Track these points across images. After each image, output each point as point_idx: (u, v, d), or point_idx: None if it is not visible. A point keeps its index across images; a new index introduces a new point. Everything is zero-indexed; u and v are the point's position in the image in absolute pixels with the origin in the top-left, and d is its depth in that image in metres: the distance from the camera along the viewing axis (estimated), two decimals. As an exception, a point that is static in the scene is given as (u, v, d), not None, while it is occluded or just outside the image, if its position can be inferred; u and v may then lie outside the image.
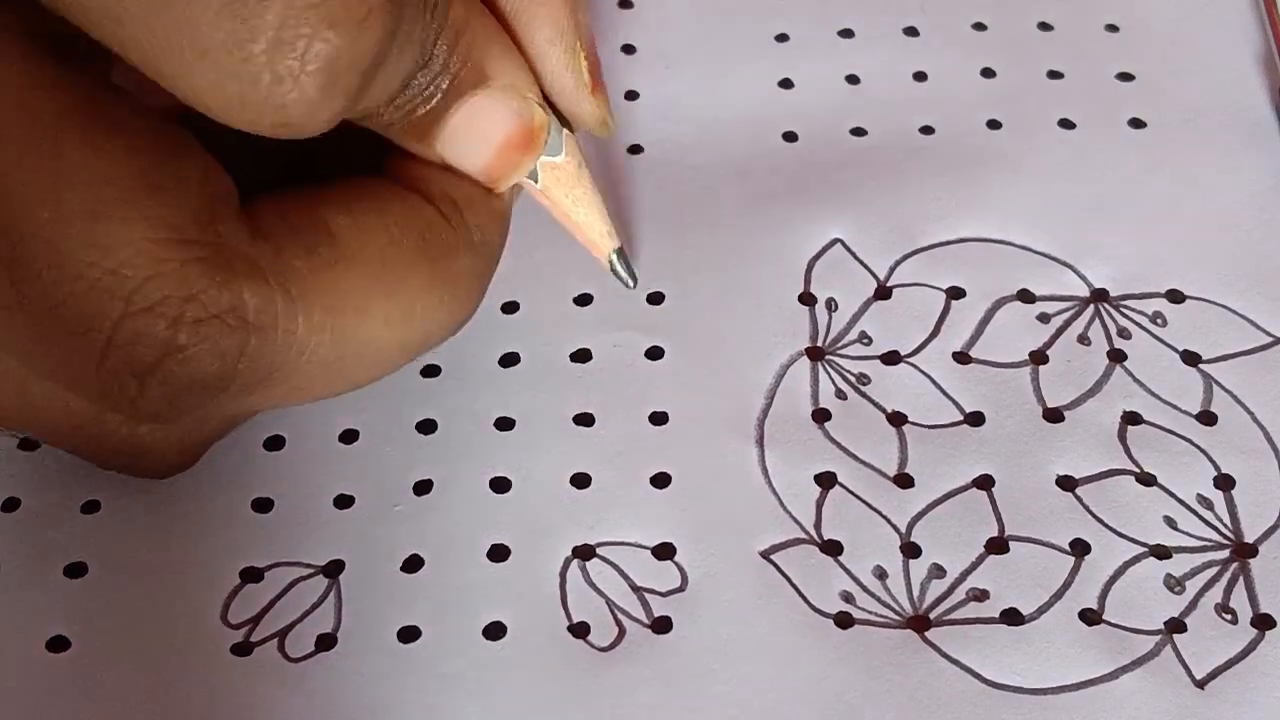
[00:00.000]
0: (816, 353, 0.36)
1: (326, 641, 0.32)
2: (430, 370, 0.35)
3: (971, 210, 0.38)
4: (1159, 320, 0.36)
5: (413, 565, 0.33)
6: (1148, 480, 0.34)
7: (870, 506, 0.34)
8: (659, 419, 0.35)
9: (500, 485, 0.34)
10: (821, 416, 0.35)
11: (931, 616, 0.32)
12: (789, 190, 0.39)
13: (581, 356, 0.36)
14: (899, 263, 0.37)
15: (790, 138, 0.40)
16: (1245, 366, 0.36)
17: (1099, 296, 0.37)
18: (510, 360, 0.36)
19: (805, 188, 0.39)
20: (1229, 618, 0.32)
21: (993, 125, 0.40)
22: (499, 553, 0.33)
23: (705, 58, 0.42)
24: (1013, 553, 0.33)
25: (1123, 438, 0.35)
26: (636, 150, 0.39)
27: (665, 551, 0.33)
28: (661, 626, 0.32)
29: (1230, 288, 0.37)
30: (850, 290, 0.37)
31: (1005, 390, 0.35)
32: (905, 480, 0.34)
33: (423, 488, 0.34)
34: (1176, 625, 0.32)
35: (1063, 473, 0.34)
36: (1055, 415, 0.35)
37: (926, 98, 0.41)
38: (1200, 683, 0.31)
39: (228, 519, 0.33)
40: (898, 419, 0.35)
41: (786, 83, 0.41)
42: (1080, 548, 0.33)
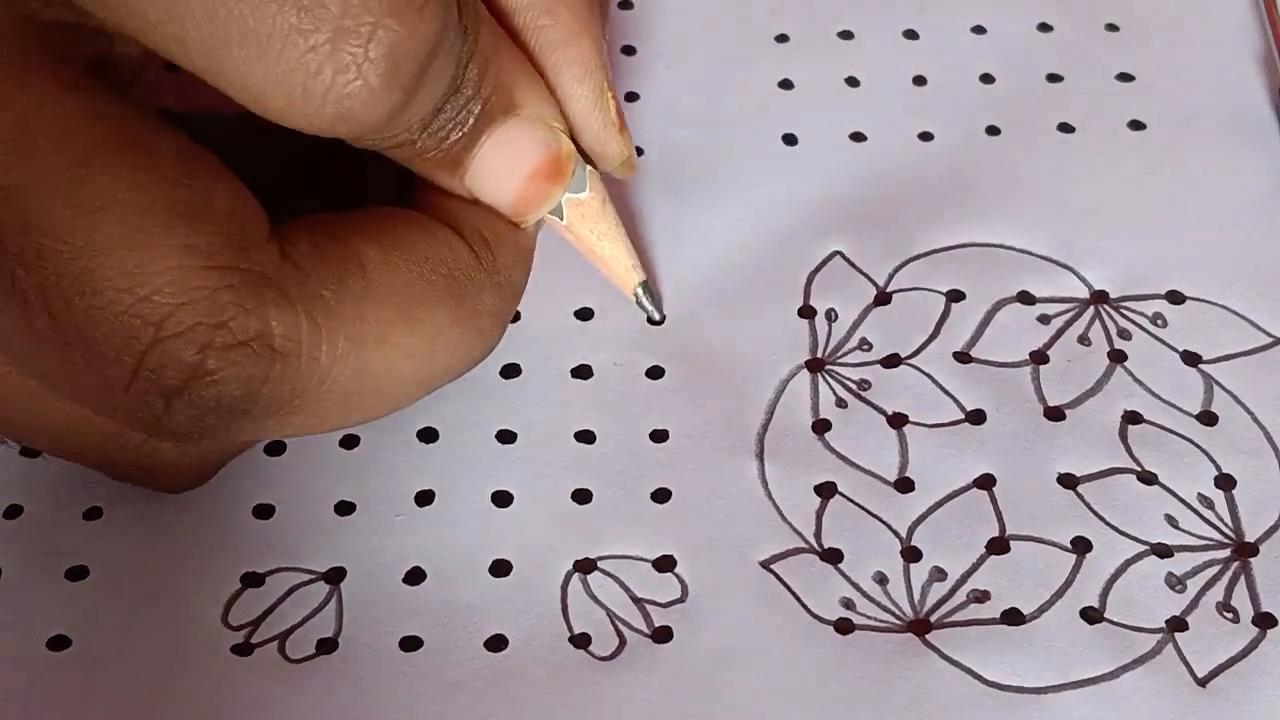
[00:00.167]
0: (816, 364, 0.36)
1: (327, 645, 0.32)
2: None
3: (971, 216, 0.38)
4: (1159, 321, 0.36)
5: (415, 578, 0.33)
6: (1149, 479, 0.34)
7: (870, 514, 0.33)
8: (659, 436, 0.35)
9: (502, 499, 0.34)
10: (821, 427, 0.35)
11: (932, 619, 0.32)
12: (788, 198, 0.39)
13: (582, 373, 0.36)
14: (898, 269, 0.37)
15: (790, 140, 0.40)
16: (1245, 367, 0.36)
17: (1099, 298, 0.37)
18: (511, 371, 0.36)
19: (805, 197, 0.39)
20: (1230, 616, 0.32)
21: (992, 131, 0.40)
22: (500, 568, 0.33)
23: (705, 58, 0.42)
24: (1014, 552, 0.33)
25: (1124, 437, 0.34)
26: (637, 153, 0.39)
27: (666, 564, 0.33)
28: (662, 636, 0.32)
29: (1230, 288, 0.37)
30: (850, 298, 0.37)
31: (1006, 389, 0.35)
32: (906, 485, 0.34)
33: (424, 498, 0.34)
34: (1178, 624, 0.32)
35: (1064, 471, 0.34)
36: (1056, 414, 0.35)
37: (926, 103, 0.41)
38: (1202, 681, 0.31)
39: (229, 525, 0.33)
40: (898, 420, 0.35)
41: (786, 84, 0.41)
42: (1082, 546, 0.33)
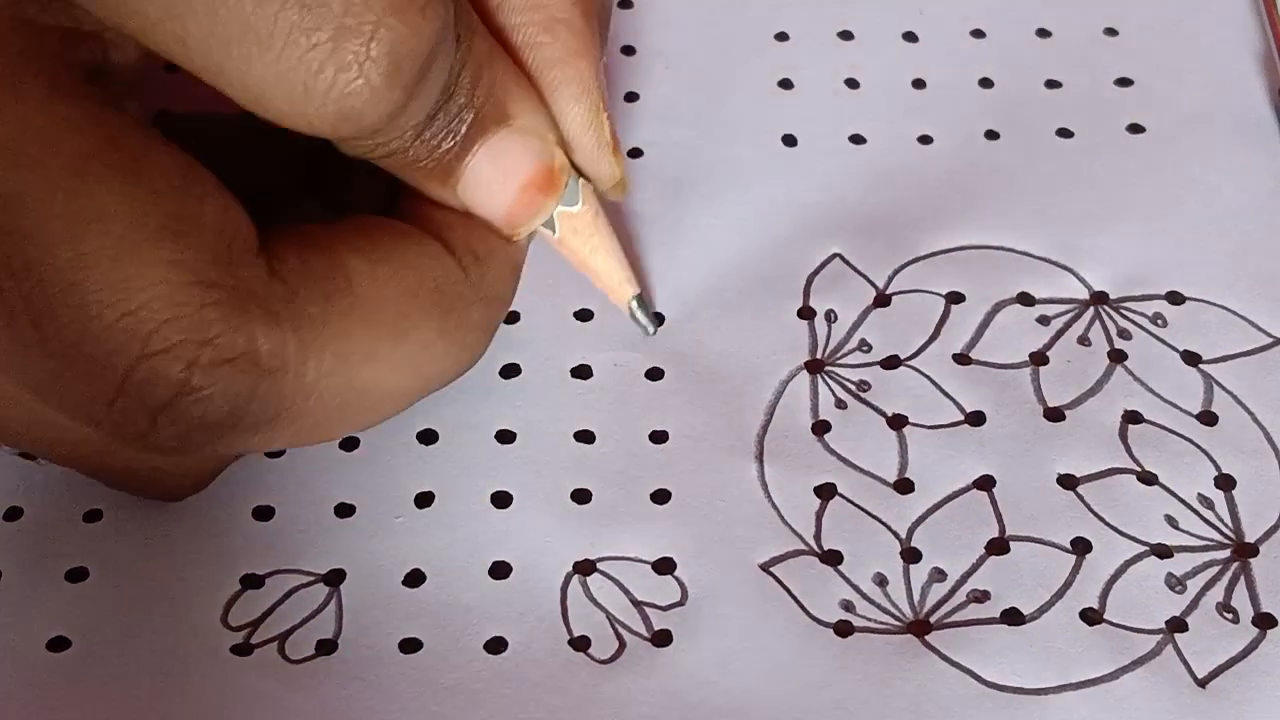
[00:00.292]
0: (816, 365, 0.36)
1: (327, 647, 0.32)
2: (430, 378, 0.36)
3: (970, 219, 0.38)
4: (1159, 321, 0.36)
5: (414, 580, 0.33)
6: (1149, 479, 0.34)
7: (870, 515, 0.33)
8: (659, 438, 0.35)
9: (501, 499, 0.34)
10: (821, 429, 0.35)
11: (932, 620, 0.32)
12: (788, 200, 0.38)
13: (582, 373, 0.36)
14: (898, 271, 0.37)
15: (789, 141, 0.40)
16: (1245, 367, 0.35)
17: (1099, 299, 0.37)
18: (511, 371, 0.36)
19: (804, 198, 0.39)
20: (1230, 617, 0.32)
21: (991, 135, 0.40)
22: (500, 570, 0.33)
23: (705, 57, 0.42)
24: (1013, 553, 0.33)
25: (1124, 437, 0.34)
26: (636, 154, 0.39)
27: (665, 566, 0.33)
28: (662, 639, 0.32)
29: (1230, 288, 0.37)
30: (849, 300, 0.37)
31: (1006, 390, 0.35)
32: (905, 486, 0.34)
33: (424, 500, 0.34)
34: (1178, 624, 0.32)
35: (1064, 471, 0.34)
36: (1056, 414, 0.35)
37: (925, 106, 0.41)
38: (1202, 682, 0.31)
39: (229, 527, 0.33)
40: (898, 422, 0.35)
41: (786, 83, 0.41)
42: (1081, 546, 0.33)
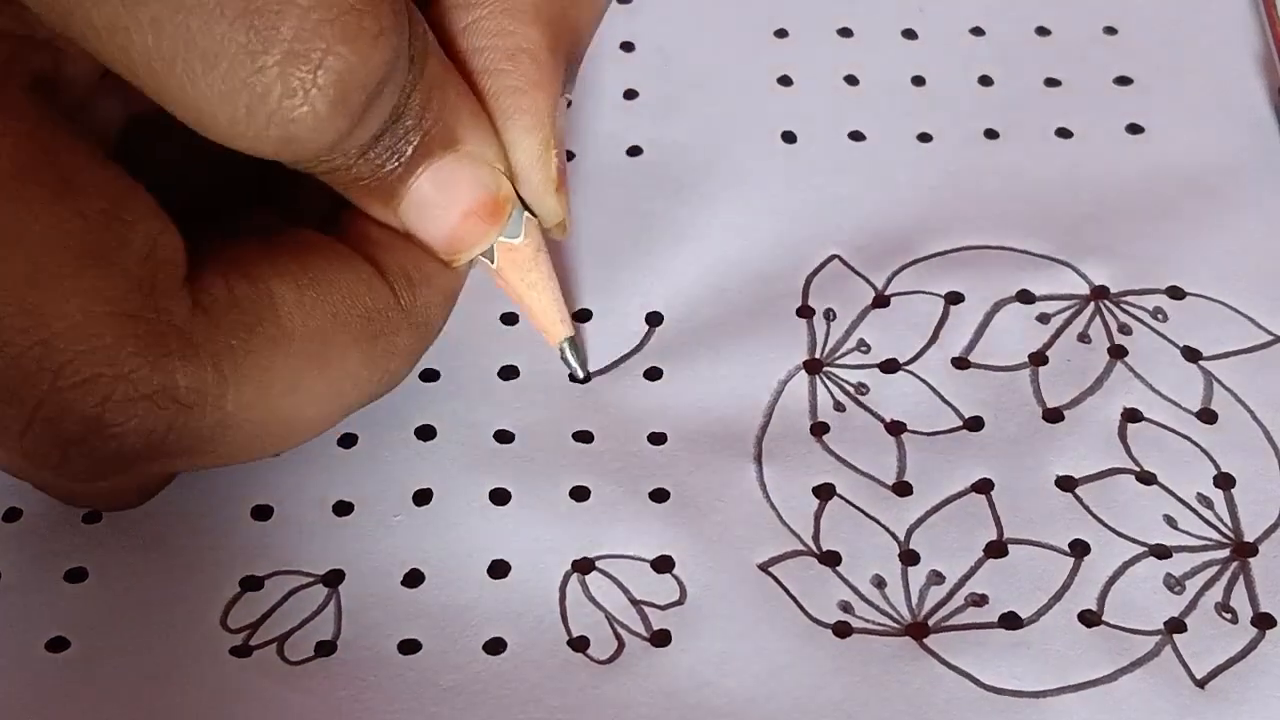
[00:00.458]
0: (814, 365, 0.36)
1: (326, 648, 0.32)
2: (429, 375, 0.35)
3: (969, 218, 0.38)
4: (1160, 315, 0.36)
5: (413, 580, 0.33)
6: (1148, 479, 0.34)
7: (869, 516, 0.33)
8: (657, 439, 0.35)
9: (500, 498, 0.34)
10: (820, 430, 0.35)
11: (930, 623, 0.32)
12: (787, 199, 0.38)
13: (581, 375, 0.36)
14: (897, 272, 0.37)
15: (789, 138, 0.40)
16: (1245, 365, 0.35)
17: (1099, 294, 0.37)
18: (509, 373, 0.36)
19: (803, 197, 0.39)
20: (1229, 617, 0.32)
21: (990, 134, 0.40)
22: (499, 569, 0.33)
23: (704, 53, 0.42)
24: (1012, 556, 0.33)
25: (1123, 436, 0.34)
26: (635, 152, 0.39)
27: (664, 564, 0.33)
28: (661, 639, 0.32)
29: (1230, 286, 0.37)
30: (848, 300, 0.37)
31: (1004, 393, 0.35)
32: (904, 488, 0.34)
33: (422, 498, 0.34)
34: (1176, 625, 0.32)
35: (1062, 473, 0.34)
36: (1055, 415, 0.35)
37: (924, 104, 0.41)
38: (1200, 682, 0.31)
39: (227, 527, 0.33)
40: (896, 428, 0.35)
41: (785, 80, 0.41)
42: (1080, 548, 0.33)
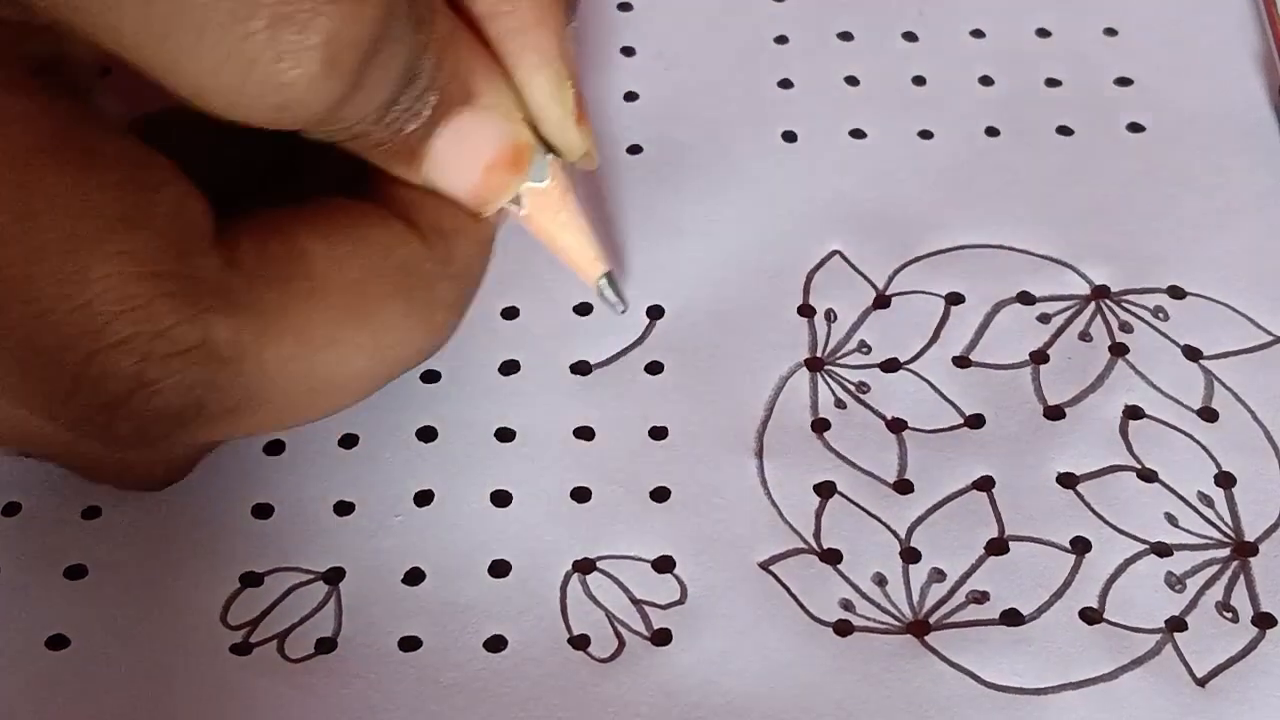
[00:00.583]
0: (816, 363, 0.36)
1: (326, 645, 0.32)
2: (430, 376, 0.35)
3: (970, 218, 0.38)
4: (1160, 314, 0.36)
5: (414, 578, 0.33)
6: (1149, 476, 0.34)
7: (869, 514, 0.33)
8: (659, 434, 0.35)
9: (501, 498, 0.34)
10: (821, 427, 0.35)
11: (931, 621, 0.32)
12: (788, 197, 0.38)
13: (581, 369, 0.36)
14: (898, 271, 0.37)
15: (789, 137, 0.40)
16: (1246, 364, 0.35)
17: (1100, 293, 0.37)
18: (510, 368, 0.36)
19: (804, 195, 0.39)
20: (1230, 616, 0.32)
21: (991, 133, 0.40)
22: (499, 569, 0.33)
23: (704, 58, 0.42)
24: (1013, 553, 0.33)
25: (1124, 433, 0.34)
26: (635, 150, 0.39)
27: (665, 564, 0.33)
28: (661, 638, 0.32)
29: (1230, 286, 0.37)
30: (849, 300, 0.37)
31: (1005, 391, 0.35)
32: (905, 486, 0.34)
33: (423, 498, 0.34)
34: (1177, 624, 0.32)
35: (1063, 470, 0.34)
36: (1056, 413, 0.35)
37: (925, 104, 0.41)
38: (1201, 681, 0.31)
39: (228, 524, 0.33)
40: (897, 425, 0.35)
41: (786, 83, 0.41)
42: (1081, 545, 0.33)
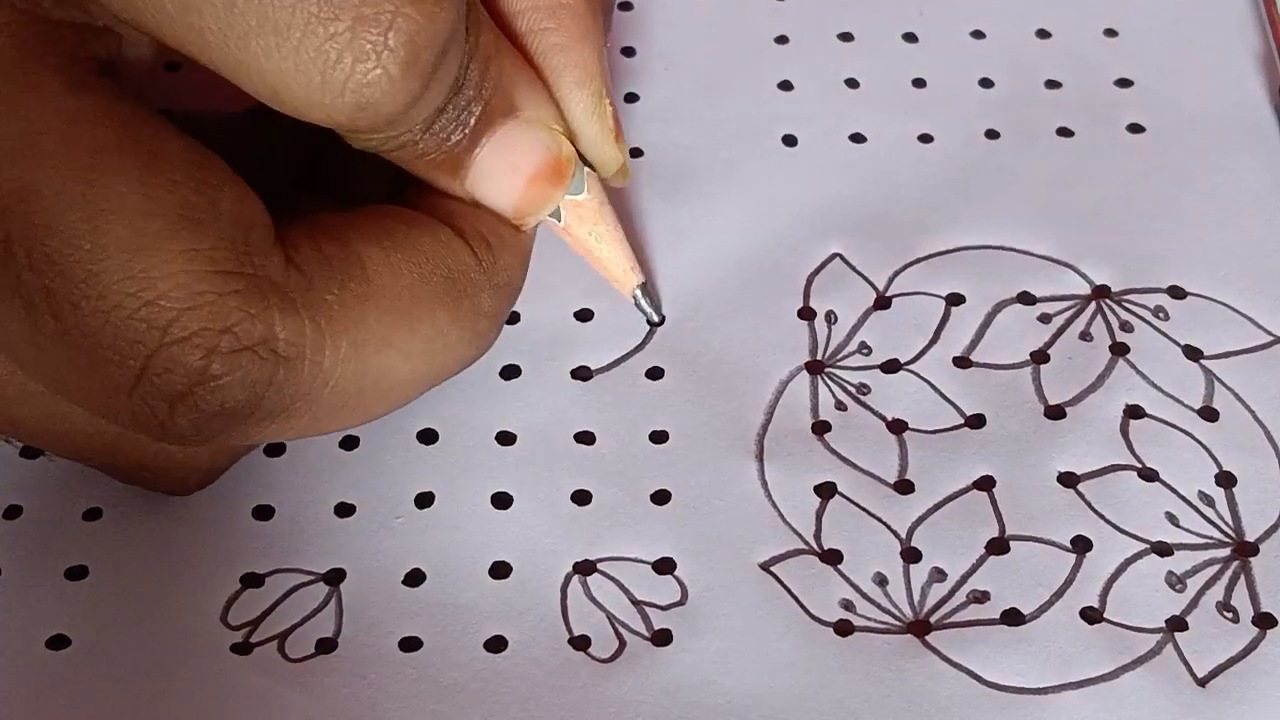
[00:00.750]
0: (816, 366, 0.36)
1: (327, 645, 0.32)
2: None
3: (970, 219, 0.38)
4: (1161, 314, 0.36)
5: (414, 579, 0.33)
6: (1149, 475, 0.34)
7: (870, 514, 0.33)
8: (659, 438, 0.35)
9: (501, 500, 0.34)
10: (821, 428, 0.35)
11: (932, 620, 0.32)
12: (788, 200, 0.38)
13: (582, 374, 0.36)
14: (898, 273, 0.37)
15: (790, 141, 0.40)
16: (1246, 365, 0.35)
17: (1100, 293, 0.37)
18: (511, 373, 0.36)
19: (804, 197, 0.39)
20: (1230, 616, 0.32)
21: (991, 134, 0.40)
22: (500, 570, 0.33)
23: (705, 59, 0.42)
24: (1013, 552, 0.33)
25: (1125, 432, 0.34)
26: (636, 154, 0.39)
27: (665, 566, 0.33)
28: (662, 639, 0.32)
29: (1231, 286, 0.37)
30: (849, 302, 0.37)
31: (1006, 391, 0.35)
32: (905, 486, 0.34)
33: (424, 500, 0.34)
34: (1178, 623, 0.32)
35: (1064, 469, 0.34)
36: (1057, 412, 0.35)
37: (925, 106, 0.41)
38: (1202, 681, 0.31)
39: (229, 525, 0.33)
40: (898, 426, 0.35)
41: (786, 84, 0.41)
42: (1082, 545, 0.33)
